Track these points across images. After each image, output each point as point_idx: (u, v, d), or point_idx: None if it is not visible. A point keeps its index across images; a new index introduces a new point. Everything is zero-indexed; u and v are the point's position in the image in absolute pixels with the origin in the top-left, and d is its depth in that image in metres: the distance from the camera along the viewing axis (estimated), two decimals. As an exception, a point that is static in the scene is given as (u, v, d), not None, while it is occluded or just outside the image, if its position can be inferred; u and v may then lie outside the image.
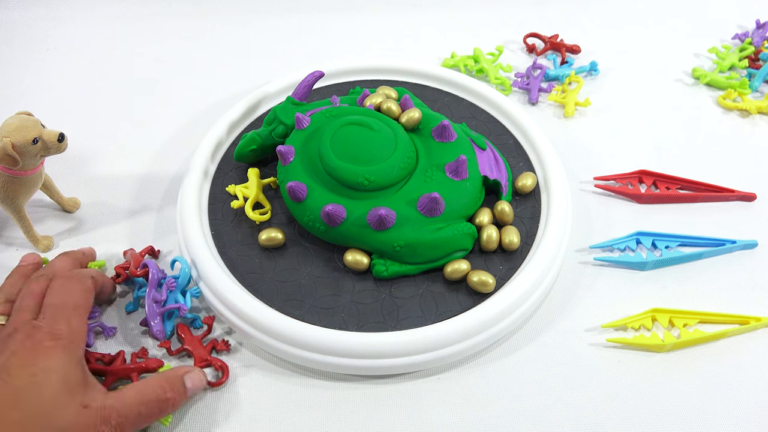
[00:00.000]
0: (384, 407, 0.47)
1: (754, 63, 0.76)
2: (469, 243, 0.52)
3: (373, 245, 0.51)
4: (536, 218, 0.56)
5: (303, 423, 0.46)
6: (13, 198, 0.53)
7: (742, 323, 0.51)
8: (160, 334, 0.49)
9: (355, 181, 0.51)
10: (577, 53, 0.78)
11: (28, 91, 0.74)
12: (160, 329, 0.49)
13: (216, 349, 0.49)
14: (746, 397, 0.47)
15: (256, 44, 0.81)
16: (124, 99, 0.73)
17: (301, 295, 0.50)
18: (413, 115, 0.56)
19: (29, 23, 0.83)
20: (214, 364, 0.48)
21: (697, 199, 0.61)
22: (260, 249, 0.54)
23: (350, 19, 0.85)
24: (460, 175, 0.53)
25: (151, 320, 0.49)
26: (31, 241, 0.56)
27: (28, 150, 0.50)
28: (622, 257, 0.55)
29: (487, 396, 0.47)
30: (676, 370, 0.49)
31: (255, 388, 0.48)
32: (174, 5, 0.86)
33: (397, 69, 0.69)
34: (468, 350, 0.48)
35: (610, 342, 0.50)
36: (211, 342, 0.49)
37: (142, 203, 0.61)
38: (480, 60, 0.75)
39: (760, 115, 0.70)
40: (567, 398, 0.47)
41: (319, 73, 0.60)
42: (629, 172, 0.62)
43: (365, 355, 0.46)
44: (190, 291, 0.50)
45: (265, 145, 0.58)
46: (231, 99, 0.71)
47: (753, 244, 0.57)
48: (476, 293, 0.50)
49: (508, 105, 0.65)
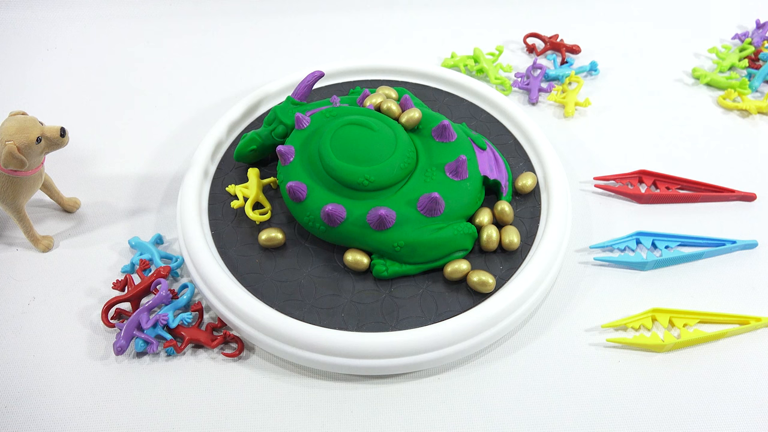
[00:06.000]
0: (384, 407, 0.47)
1: (754, 63, 0.76)
2: (469, 243, 0.52)
3: (373, 245, 0.51)
4: (536, 218, 0.56)
5: (303, 423, 0.46)
6: (13, 198, 0.53)
7: (742, 323, 0.51)
8: (120, 350, 0.48)
9: (355, 181, 0.51)
10: (577, 53, 0.78)
11: (28, 91, 0.74)
12: (122, 345, 0.48)
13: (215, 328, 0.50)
14: (746, 397, 0.47)
15: (256, 44, 0.81)
16: (124, 99, 0.73)
17: (301, 295, 0.50)
18: (413, 115, 0.56)
19: (29, 23, 0.83)
20: (227, 337, 0.49)
21: (697, 199, 0.61)
22: (260, 249, 0.54)
23: (350, 19, 0.85)
24: (460, 175, 0.53)
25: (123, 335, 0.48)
26: (31, 241, 0.56)
27: (33, 150, 0.50)
28: (622, 257, 0.55)
29: (487, 396, 0.47)
30: (676, 370, 0.49)
31: (255, 388, 0.48)
32: (174, 5, 0.86)
33: (397, 69, 0.69)
34: (468, 350, 0.48)
35: (610, 342, 0.50)
36: (208, 325, 0.50)
37: (142, 203, 0.61)
38: (480, 60, 0.75)
39: (760, 115, 0.70)
40: (567, 398, 0.47)
41: (319, 73, 0.60)
42: (629, 172, 0.62)
43: (365, 355, 0.46)
44: (182, 316, 0.50)
45: (265, 145, 0.58)
46: (231, 99, 0.72)
47: (753, 244, 0.57)
48: (476, 293, 0.50)
49: (508, 105, 0.65)
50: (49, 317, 0.52)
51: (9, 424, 0.46)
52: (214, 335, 0.50)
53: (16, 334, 0.51)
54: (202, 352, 0.50)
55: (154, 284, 0.51)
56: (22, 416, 0.46)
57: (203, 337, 0.49)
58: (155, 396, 0.47)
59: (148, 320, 0.49)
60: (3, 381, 0.48)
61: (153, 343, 0.48)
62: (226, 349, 0.50)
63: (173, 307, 0.50)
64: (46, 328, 0.51)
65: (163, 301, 0.50)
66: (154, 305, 0.50)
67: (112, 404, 0.47)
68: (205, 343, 0.49)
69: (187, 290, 0.51)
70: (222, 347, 0.50)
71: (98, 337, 0.51)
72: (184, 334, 0.49)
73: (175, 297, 0.51)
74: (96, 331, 0.51)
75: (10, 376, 0.48)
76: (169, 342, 0.49)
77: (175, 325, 0.49)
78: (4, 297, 0.53)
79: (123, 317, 0.51)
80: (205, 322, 0.51)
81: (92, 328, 0.51)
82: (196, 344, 0.50)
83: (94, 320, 0.52)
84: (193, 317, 0.51)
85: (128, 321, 0.49)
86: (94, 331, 0.51)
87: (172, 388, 0.47)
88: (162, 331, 0.49)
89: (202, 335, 0.49)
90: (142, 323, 0.49)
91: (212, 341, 0.49)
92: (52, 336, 0.51)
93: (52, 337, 0.51)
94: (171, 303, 0.50)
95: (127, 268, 0.54)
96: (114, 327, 0.50)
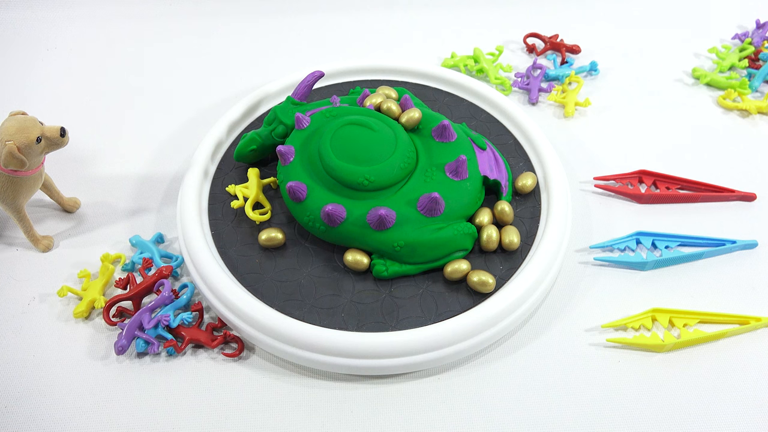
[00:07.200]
0: (384, 407, 0.47)
1: (754, 63, 0.76)
2: (469, 243, 0.52)
3: (373, 245, 0.51)
4: (536, 218, 0.56)
5: (303, 423, 0.46)
6: (13, 198, 0.53)
7: (742, 323, 0.51)
8: (121, 350, 0.48)
9: (355, 181, 0.51)
10: (577, 53, 0.78)
11: (28, 91, 0.74)
12: (123, 345, 0.48)
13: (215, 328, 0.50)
14: (746, 397, 0.47)
15: (256, 44, 0.81)
16: (124, 99, 0.73)
17: (301, 295, 0.50)
18: (413, 115, 0.56)
19: (29, 23, 0.83)
20: (227, 337, 0.49)
21: (697, 199, 0.61)
22: (260, 249, 0.54)
23: (350, 19, 0.85)
24: (460, 175, 0.53)
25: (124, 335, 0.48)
26: (31, 241, 0.56)
27: (33, 150, 0.50)
28: (622, 257, 0.55)
29: (486, 396, 0.47)
30: (676, 370, 0.49)
31: (255, 388, 0.48)
32: (174, 5, 0.86)
33: (397, 69, 0.69)
34: (468, 350, 0.48)
35: (610, 342, 0.50)
36: (208, 325, 0.50)
37: (142, 203, 0.61)
38: (480, 60, 0.75)
39: (760, 115, 0.70)
40: (567, 398, 0.47)
41: (319, 73, 0.60)
42: (629, 172, 0.62)
43: (365, 355, 0.46)
44: (182, 315, 0.50)
45: (265, 145, 0.58)
46: (231, 99, 0.72)
47: (753, 244, 0.57)
48: (476, 293, 0.50)
49: (508, 105, 0.65)
50: (49, 317, 0.52)
51: (9, 424, 0.46)
52: (214, 335, 0.50)
53: (16, 334, 0.51)
54: (202, 352, 0.50)
55: (157, 285, 0.51)
56: (22, 416, 0.46)
57: (203, 337, 0.49)
58: (155, 396, 0.47)
59: (150, 320, 0.49)
60: (3, 381, 0.48)
61: (154, 344, 0.48)
62: (226, 349, 0.50)
63: (173, 306, 0.50)
64: (46, 328, 0.51)
65: (165, 302, 0.50)
66: (157, 306, 0.50)
67: (112, 404, 0.47)
68: (205, 343, 0.49)
69: (187, 290, 0.51)
70: (222, 347, 0.50)
71: (98, 337, 0.51)
72: (185, 334, 0.49)
73: (176, 297, 0.51)
74: (96, 331, 0.51)
75: (10, 376, 0.48)
76: (169, 342, 0.49)
77: (176, 325, 0.49)
78: (4, 297, 0.53)
79: (125, 315, 0.51)
80: (205, 322, 0.51)
81: (92, 328, 0.51)
82: (196, 344, 0.50)
83: (95, 320, 0.52)
84: (193, 317, 0.51)
85: (130, 321, 0.49)
86: (94, 331, 0.51)
87: (172, 388, 0.47)
88: (163, 331, 0.49)
89: (202, 335, 0.49)
90: (144, 323, 0.49)
91: (212, 341, 0.49)
92: (52, 336, 0.51)
93: (52, 337, 0.51)
94: (171, 303, 0.50)
95: (128, 267, 0.54)
96: (115, 325, 0.50)
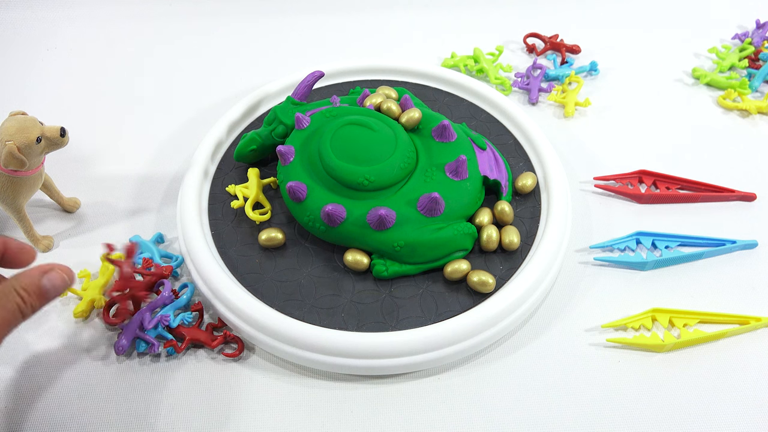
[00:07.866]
0: (384, 407, 0.47)
1: (754, 63, 0.76)
2: (469, 243, 0.52)
3: (373, 245, 0.51)
4: (536, 218, 0.56)
5: (303, 423, 0.46)
6: (13, 198, 0.53)
7: (742, 323, 0.51)
8: (121, 349, 0.48)
9: (355, 181, 0.51)
10: (577, 53, 0.78)
11: (28, 91, 0.74)
12: (123, 345, 0.48)
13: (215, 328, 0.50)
14: (746, 397, 0.47)
15: (256, 44, 0.81)
16: (124, 99, 0.73)
17: (301, 295, 0.50)
18: (413, 115, 0.56)
19: (29, 23, 0.83)
20: (227, 337, 0.49)
21: (697, 199, 0.61)
22: (260, 249, 0.54)
23: (350, 20, 0.85)
24: (460, 175, 0.53)
25: (124, 335, 0.48)
26: (31, 241, 0.56)
27: (33, 150, 0.50)
28: (622, 257, 0.55)
29: (486, 396, 0.47)
30: (676, 370, 0.49)
31: (255, 388, 0.48)
32: (174, 5, 0.86)
33: (397, 69, 0.69)
34: (468, 350, 0.48)
35: (610, 342, 0.50)
36: (208, 325, 0.50)
37: (142, 203, 0.61)
38: (480, 60, 0.75)
39: (760, 115, 0.70)
40: (567, 398, 0.47)
41: (319, 73, 0.60)
42: (629, 172, 0.62)
43: (365, 355, 0.46)
44: (182, 315, 0.50)
45: (265, 145, 0.58)
46: (231, 99, 0.72)
47: (753, 244, 0.57)
48: (476, 293, 0.50)
49: (508, 105, 0.65)
50: (49, 317, 0.52)
51: (9, 424, 0.46)
52: (214, 335, 0.50)
53: (15, 334, 0.51)
54: (202, 352, 0.50)
55: (157, 285, 0.51)
56: (22, 416, 0.46)
57: (203, 337, 0.49)
58: (155, 396, 0.47)
59: (150, 321, 0.49)
60: (3, 381, 0.48)
61: (154, 344, 0.48)
62: (226, 349, 0.50)
63: (173, 306, 0.50)
64: (46, 328, 0.51)
65: (165, 303, 0.50)
66: (157, 306, 0.50)
67: (112, 404, 0.47)
68: (205, 343, 0.49)
69: (187, 290, 0.51)
70: (222, 347, 0.50)
71: (98, 336, 0.51)
72: (185, 333, 0.49)
73: (176, 297, 0.51)
74: (96, 331, 0.51)
75: (10, 376, 0.48)
76: (169, 342, 0.49)
77: (176, 324, 0.49)
78: (4, 297, 0.53)
79: None
80: (205, 322, 0.51)
81: (92, 328, 0.51)
82: (196, 344, 0.50)
83: (95, 320, 0.52)
84: (193, 317, 0.51)
85: (130, 321, 0.49)
86: (94, 331, 0.51)
87: (172, 388, 0.47)
88: (163, 331, 0.49)
89: (202, 335, 0.49)
90: (145, 323, 0.49)
91: (212, 341, 0.49)
92: (52, 336, 0.51)
93: (53, 336, 0.51)
94: (171, 303, 0.50)
95: None
96: (115, 324, 0.50)
